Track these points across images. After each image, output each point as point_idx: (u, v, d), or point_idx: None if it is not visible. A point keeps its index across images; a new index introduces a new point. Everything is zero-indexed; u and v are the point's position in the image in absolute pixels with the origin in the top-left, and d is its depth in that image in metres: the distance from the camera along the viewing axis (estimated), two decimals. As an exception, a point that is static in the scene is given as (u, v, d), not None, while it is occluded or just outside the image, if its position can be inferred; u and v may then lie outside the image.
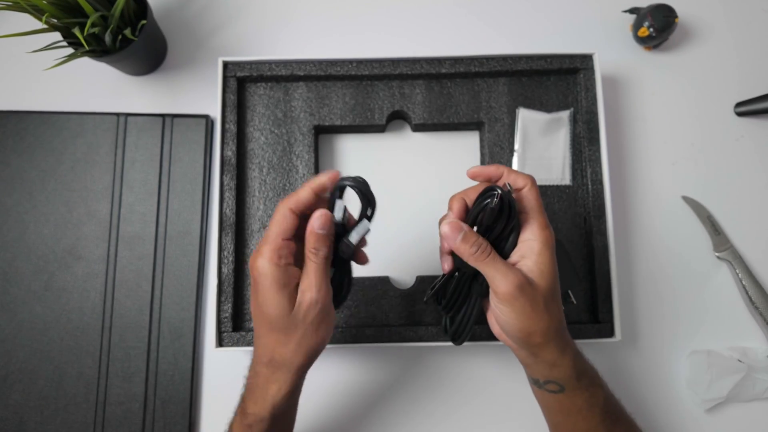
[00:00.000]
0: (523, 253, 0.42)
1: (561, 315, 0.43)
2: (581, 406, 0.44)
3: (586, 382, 0.44)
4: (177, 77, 0.64)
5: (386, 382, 0.58)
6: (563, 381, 0.43)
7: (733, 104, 0.64)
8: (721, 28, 0.66)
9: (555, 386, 0.44)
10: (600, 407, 0.44)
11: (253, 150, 0.60)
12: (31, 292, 0.58)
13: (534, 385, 0.46)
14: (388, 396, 0.58)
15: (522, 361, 0.46)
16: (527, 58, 0.59)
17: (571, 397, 0.44)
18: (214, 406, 0.58)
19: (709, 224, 0.61)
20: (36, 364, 0.57)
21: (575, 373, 0.43)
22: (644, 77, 0.65)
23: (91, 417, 0.56)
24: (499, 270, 0.41)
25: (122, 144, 0.61)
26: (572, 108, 0.60)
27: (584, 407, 0.44)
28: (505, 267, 0.41)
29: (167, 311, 0.58)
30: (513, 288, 0.40)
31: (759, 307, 0.59)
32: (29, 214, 0.59)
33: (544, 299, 0.41)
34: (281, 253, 0.40)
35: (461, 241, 0.41)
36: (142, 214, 0.59)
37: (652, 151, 0.63)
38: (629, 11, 0.64)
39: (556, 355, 0.42)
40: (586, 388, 0.44)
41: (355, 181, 0.42)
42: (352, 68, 0.59)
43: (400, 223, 0.61)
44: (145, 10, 0.57)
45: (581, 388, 0.44)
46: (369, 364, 0.59)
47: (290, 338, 0.41)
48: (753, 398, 0.58)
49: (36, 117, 0.61)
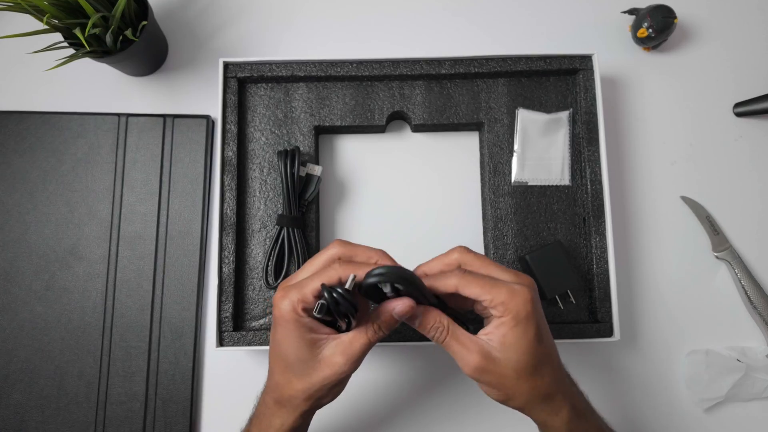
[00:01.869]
0: (493, 324, 0.39)
1: (549, 378, 0.40)
2: None
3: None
4: (178, 78, 0.64)
5: (385, 382, 0.59)
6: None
7: (731, 105, 0.64)
8: (720, 28, 0.66)
9: None
10: None
11: (254, 150, 0.60)
12: (32, 291, 0.58)
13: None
14: (388, 396, 0.58)
15: None
16: (527, 58, 0.59)
17: None
18: (215, 405, 0.58)
19: (708, 224, 0.61)
20: (37, 364, 0.57)
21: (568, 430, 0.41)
22: (643, 78, 0.65)
23: (92, 416, 0.56)
24: (458, 349, 0.39)
25: (123, 144, 0.61)
26: (571, 108, 0.60)
27: None
28: (463, 345, 0.39)
29: (168, 311, 0.58)
30: (472, 369, 0.39)
31: (758, 306, 0.59)
32: (30, 214, 0.59)
33: (515, 372, 0.38)
34: (308, 307, 0.39)
35: (419, 327, 0.40)
36: (143, 214, 0.59)
37: (651, 152, 0.63)
38: (628, 12, 0.64)
39: (545, 417, 0.40)
40: None
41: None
42: (353, 69, 0.59)
43: (400, 223, 0.61)
44: (146, 10, 0.57)
45: None
46: (369, 364, 0.59)
47: (302, 384, 0.40)
48: (752, 398, 0.58)
49: (37, 117, 0.61)
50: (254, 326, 0.57)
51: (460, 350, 0.39)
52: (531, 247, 0.58)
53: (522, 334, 0.38)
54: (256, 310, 0.57)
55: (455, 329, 0.40)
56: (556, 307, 0.57)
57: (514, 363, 0.38)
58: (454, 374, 0.59)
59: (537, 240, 0.58)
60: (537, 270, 0.55)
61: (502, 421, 0.58)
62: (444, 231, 0.61)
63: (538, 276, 0.55)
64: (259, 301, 0.57)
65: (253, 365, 0.59)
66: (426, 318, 0.40)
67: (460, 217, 0.61)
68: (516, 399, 0.39)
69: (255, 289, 0.57)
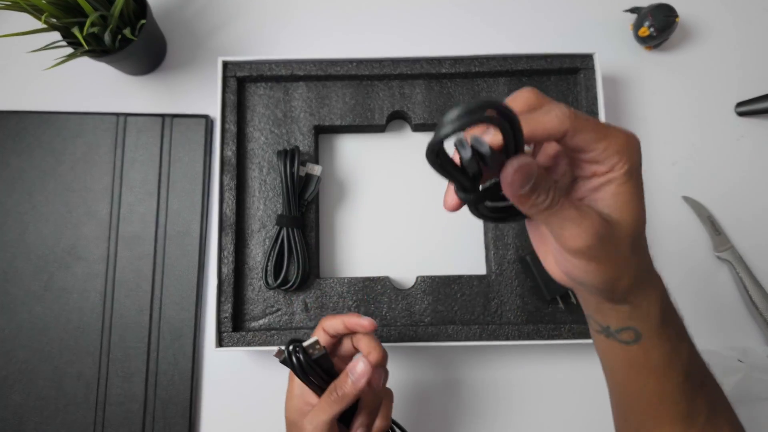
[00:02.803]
0: (599, 180, 0.30)
1: (648, 250, 0.32)
2: (658, 362, 0.33)
3: (670, 333, 0.33)
4: (177, 77, 0.64)
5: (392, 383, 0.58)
6: (643, 328, 0.33)
7: (734, 104, 0.64)
8: (722, 27, 0.66)
9: (631, 334, 0.33)
10: (683, 366, 0.34)
11: (253, 150, 0.59)
12: (30, 292, 0.58)
13: (601, 333, 0.35)
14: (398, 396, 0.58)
15: (590, 307, 0.35)
16: (527, 57, 0.59)
17: (648, 350, 0.33)
18: (214, 406, 0.58)
19: (710, 224, 0.61)
20: (36, 365, 0.57)
21: (659, 320, 0.33)
22: (645, 77, 0.65)
23: (91, 417, 0.56)
24: (573, 214, 0.28)
25: (122, 144, 0.60)
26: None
27: (662, 364, 0.34)
28: (576, 213, 0.28)
29: (167, 311, 0.58)
30: (590, 241, 0.28)
31: (759, 307, 0.58)
32: (29, 214, 0.59)
33: (631, 240, 0.30)
34: None
35: (530, 192, 0.28)
36: (141, 214, 0.59)
37: (653, 151, 0.63)
38: (630, 11, 0.64)
39: (640, 298, 0.32)
40: (669, 339, 0.33)
41: None
42: (352, 68, 0.59)
43: (400, 223, 0.61)
44: (144, 9, 0.57)
45: (663, 338, 0.33)
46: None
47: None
48: (753, 398, 0.58)
49: (35, 117, 0.61)
50: (253, 326, 0.56)
51: (575, 216, 0.28)
52: (531, 247, 0.58)
53: (635, 190, 0.29)
54: (255, 311, 0.57)
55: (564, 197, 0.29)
56: (556, 307, 0.57)
57: (631, 227, 0.30)
58: (449, 376, 0.58)
59: (538, 240, 0.58)
60: (537, 270, 0.55)
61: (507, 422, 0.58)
62: (444, 231, 0.61)
63: (538, 276, 0.55)
64: (258, 301, 0.57)
65: (253, 366, 0.58)
66: (542, 179, 0.28)
67: (461, 217, 0.61)
68: (624, 278, 0.31)
69: (254, 290, 0.57)
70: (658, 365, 0.34)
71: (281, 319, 0.57)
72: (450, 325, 0.55)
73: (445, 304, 0.57)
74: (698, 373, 0.35)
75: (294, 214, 0.56)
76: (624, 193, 0.29)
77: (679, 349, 0.34)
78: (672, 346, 0.34)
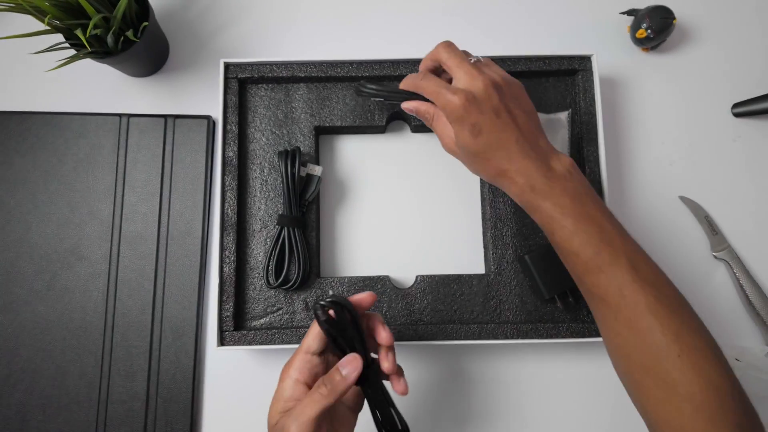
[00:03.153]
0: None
1: (501, 159, 0.46)
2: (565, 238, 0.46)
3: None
4: (179, 78, 0.64)
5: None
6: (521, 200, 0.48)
7: (730, 105, 0.65)
8: (719, 29, 0.67)
9: None
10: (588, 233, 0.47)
11: (255, 150, 0.60)
12: (33, 291, 0.58)
13: None
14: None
15: None
16: (525, 59, 0.60)
17: (555, 230, 0.46)
18: (216, 404, 0.58)
19: (707, 224, 0.62)
20: (38, 364, 0.57)
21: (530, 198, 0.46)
22: (642, 78, 0.65)
23: (93, 416, 0.56)
24: (440, 130, 0.50)
25: (124, 144, 0.61)
26: (570, 109, 0.61)
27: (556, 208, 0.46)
28: (444, 126, 0.50)
29: (169, 310, 0.58)
30: (447, 148, 0.51)
31: (756, 306, 0.59)
32: (32, 214, 0.60)
33: (466, 155, 0.49)
34: (301, 368, 0.43)
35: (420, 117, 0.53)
36: (144, 214, 0.60)
37: (650, 152, 0.64)
38: (627, 13, 0.64)
39: (505, 189, 0.48)
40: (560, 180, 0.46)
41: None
42: (353, 69, 0.60)
43: (400, 223, 0.61)
44: (147, 11, 0.57)
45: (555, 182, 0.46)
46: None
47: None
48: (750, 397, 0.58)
49: (38, 118, 0.61)
50: (255, 326, 0.57)
51: (441, 129, 0.50)
52: (530, 246, 0.59)
53: (459, 131, 0.47)
54: (256, 310, 0.57)
55: (439, 116, 0.50)
56: (555, 307, 0.57)
57: (464, 149, 0.48)
58: (449, 376, 0.59)
59: (536, 240, 0.59)
60: (536, 269, 0.55)
61: (506, 420, 0.58)
62: (444, 231, 0.61)
63: (537, 276, 0.55)
64: (259, 300, 0.57)
65: (254, 365, 0.59)
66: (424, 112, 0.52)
67: (460, 216, 0.62)
68: (480, 174, 0.49)
69: (256, 289, 0.57)
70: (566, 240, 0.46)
71: (282, 318, 0.57)
72: (449, 324, 0.56)
73: (444, 303, 0.57)
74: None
75: (295, 214, 0.56)
76: (452, 131, 0.49)
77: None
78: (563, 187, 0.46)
